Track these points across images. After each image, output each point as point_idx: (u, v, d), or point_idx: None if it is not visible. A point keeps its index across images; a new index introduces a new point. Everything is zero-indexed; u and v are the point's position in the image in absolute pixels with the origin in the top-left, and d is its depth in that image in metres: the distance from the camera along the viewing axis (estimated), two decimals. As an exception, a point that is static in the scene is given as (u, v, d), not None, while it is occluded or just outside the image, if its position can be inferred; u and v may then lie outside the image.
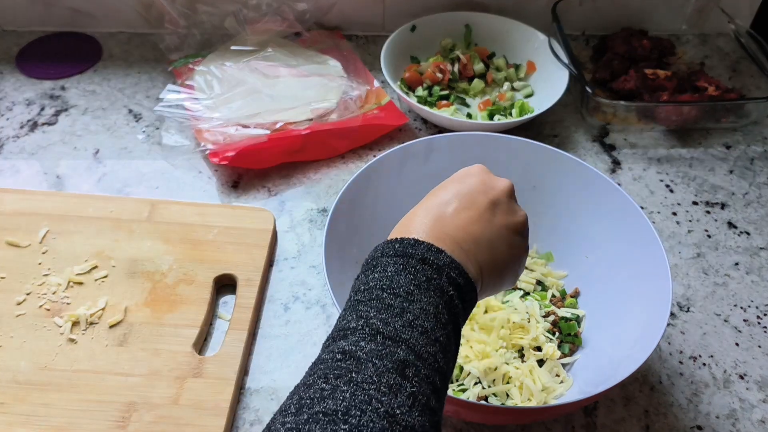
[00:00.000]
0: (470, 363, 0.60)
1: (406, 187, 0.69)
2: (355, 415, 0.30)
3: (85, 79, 0.95)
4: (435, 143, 0.68)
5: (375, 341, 0.34)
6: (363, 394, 0.31)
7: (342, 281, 0.59)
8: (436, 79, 0.92)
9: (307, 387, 0.33)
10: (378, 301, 0.36)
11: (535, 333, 0.62)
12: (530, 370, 0.60)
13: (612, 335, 0.61)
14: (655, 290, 0.57)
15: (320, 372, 0.34)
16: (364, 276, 0.39)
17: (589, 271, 0.67)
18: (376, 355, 0.33)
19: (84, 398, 0.58)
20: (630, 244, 0.62)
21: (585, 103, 0.88)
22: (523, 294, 0.68)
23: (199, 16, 0.96)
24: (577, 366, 0.62)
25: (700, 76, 0.93)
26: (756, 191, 0.83)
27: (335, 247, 0.60)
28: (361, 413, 0.30)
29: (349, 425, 0.30)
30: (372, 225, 0.66)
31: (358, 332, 0.35)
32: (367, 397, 0.31)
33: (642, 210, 0.62)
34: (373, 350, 0.33)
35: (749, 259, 0.74)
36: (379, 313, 0.35)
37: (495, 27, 0.98)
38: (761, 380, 0.63)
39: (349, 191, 0.63)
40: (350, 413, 0.30)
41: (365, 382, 0.32)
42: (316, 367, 0.35)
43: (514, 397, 0.59)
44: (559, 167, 0.67)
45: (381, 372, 0.32)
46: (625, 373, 0.50)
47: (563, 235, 0.69)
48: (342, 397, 0.31)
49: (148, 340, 0.62)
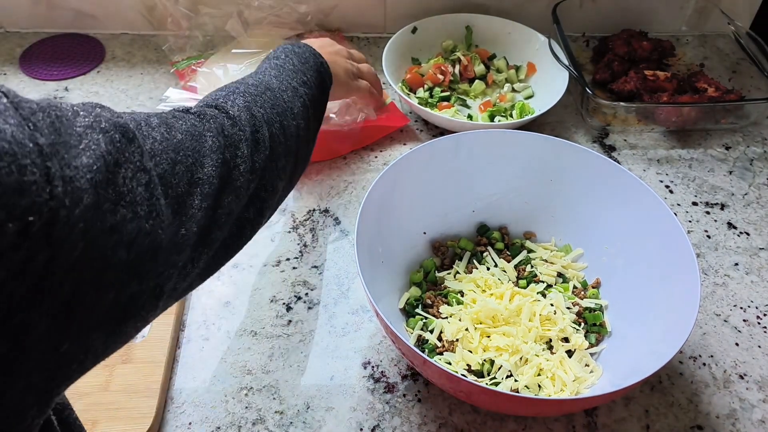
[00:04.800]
0: (501, 357, 0.61)
1: (433, 183, 0.69)
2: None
3: (88, 80, 0.95)
4: (462, 139, 0.69)
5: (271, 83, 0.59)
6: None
7: (373, 277, 0.59)
8: (437, 80, 0.93)
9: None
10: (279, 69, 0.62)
11: (563, 324, 0.63)
12: (560, 361, 0.61)
13: (637, 325, 0.62)
14: (681, 280, 0.57)
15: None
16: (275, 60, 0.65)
17: (609, 262, 0.68)
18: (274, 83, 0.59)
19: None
20: (651, 234, 0.62)
21: (585, 104, 0.88)
22: (546, 286, 0.68)
23: (202, 18, 0.97)
24: (605, 355, 0.63)
25: (699, 77, 0.93)
26: (755, 192, 0.83)
27: (365, 245, 0.60)
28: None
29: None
30: (399, 222, 0.67)
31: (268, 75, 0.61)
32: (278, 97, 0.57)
33: (664, 200, 0.62)
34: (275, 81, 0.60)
35: (749, 260, 0.75)
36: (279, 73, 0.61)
37: (495, 28, 0.99)
38: (761, 380, 0.63)
39: (376, 189, 0.63)
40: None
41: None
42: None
43: (547, 388, 0.59)
44: (576, 160, 0.68)
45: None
46: (657, 365, 0.50)
47: (582, 227, 0.70)
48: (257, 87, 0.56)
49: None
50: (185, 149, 0.41)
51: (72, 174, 0.28)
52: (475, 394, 0.53)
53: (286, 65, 0.63)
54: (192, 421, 0.59)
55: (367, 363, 0.64)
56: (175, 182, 0.38)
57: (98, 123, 0.32)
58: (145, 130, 0.38)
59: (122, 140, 0.33)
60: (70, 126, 0.30)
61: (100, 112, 0.33)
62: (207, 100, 0.52)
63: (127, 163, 0.33)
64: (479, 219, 0.74)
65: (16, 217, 0.24)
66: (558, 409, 0.57)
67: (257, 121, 0.51)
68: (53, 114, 0.29)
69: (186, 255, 0.39)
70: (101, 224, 0.29)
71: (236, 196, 0.46)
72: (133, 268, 0.32)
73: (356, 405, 0.61)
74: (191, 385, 0.62)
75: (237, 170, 0.46)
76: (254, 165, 0.48)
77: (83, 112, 0.32)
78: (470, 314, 0.63)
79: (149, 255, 0.33)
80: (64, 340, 0.28)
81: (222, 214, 0.44)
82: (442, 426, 0.59)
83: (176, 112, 0.45)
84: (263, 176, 0.50)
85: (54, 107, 0.30)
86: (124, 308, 0.32)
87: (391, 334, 0.54)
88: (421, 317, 0.65)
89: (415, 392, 0.62)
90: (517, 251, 0.72)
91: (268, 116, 0.53)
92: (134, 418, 0.57)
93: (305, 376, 0.63)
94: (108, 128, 0.32)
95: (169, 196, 0.37)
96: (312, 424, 0.59)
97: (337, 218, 0.77)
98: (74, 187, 0.27)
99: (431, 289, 0.69)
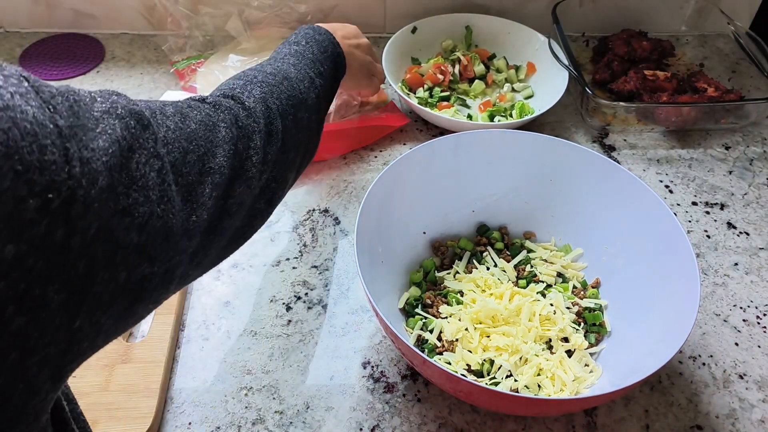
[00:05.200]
0: (501, 357, 0.61)
1: (433, 183, 0.69)
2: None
3: (88, 80, 0.95)
4: (462, 139, 0.69)
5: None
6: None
7: (373, 276, 0.60)
8: (436, 80, 0.93)
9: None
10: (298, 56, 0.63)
11: (562, 324, 0.63)
12: (560, 361, 0.61)
13: (636, 325, 0.62)
14: (681, 280, 0.57)
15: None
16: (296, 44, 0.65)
17: (609, 262, 0.68)
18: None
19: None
20: (651, 235, 0.62)
21: (585, 104, 0.88)
22: (546, 286, 0.68)
23: (202, 18, 0.97)
24: (604, 355, 0.63)
25: (699, 77, 0.93)
26: (755, 192, 0.83)
27: (365, 245, 0.60)
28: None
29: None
30: (399, 222, 0.67)
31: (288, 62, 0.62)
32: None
33: (664, 200, 0.62)
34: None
35: (748, 260, 0.75)
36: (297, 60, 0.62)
37: (495, 28, 0.99)
38: (761, 380, 0.63)
39: (376, 189, 0.63)
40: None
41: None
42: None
43: (546, 388, 0.59)
44: (576, 160, 0.68)
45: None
46: (656, 365, 0.50)
47: (581, 227, 0.70)
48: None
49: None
50: (198, 139, 0.42)
51: (89, 156, 0.29)
52: (475, 394, 0.53)
53: (306, 53, 0.63)
54: (192, 421, 0.59)
55: (367, 363, 0.64)
56: (186, 170, 0.39)
57: (114, 109, 0.33)
58: (160, 119, 0.39)
59: (137, 126, 0.34)
60: (88, 110, 0.31)
61: (116, 99, 0.34)
62: (224, 89, 0.52)
63: (141, 149, 0.34)
64: (479, 219, 0.74)
65: (36, 194, 0.25)
66: (557, 409, 0.57)
67: (272, 113, 0.52)
68: (71, 98, 0.30)
69: (196, 242, 0.40)
70: (114, 205, 0.30)
71: (248, 186, 0.47)
72: (145, 250, 0.33)
73: (356, 405, 0.61)
74: (191, 384, 0.62)
75: (249, 161, 0.47)
76: (266, 157, 0.49)
77: (100, 98, 0.33)
78: (470, 314, 0.63)
79: (160, 238, 0.34)
80: (77, 317, 0.29)
81: (233, 204, 0.45)
82: (442, 426, 0.59)
83: (192, 102, 0.46)
84: (275, 168, 0.51)
85: (72, 92, 0.31)
86: (135, 290, 0.33)
87: (390, 333, 0.54)
88: (421, 317, 0.65)
89: (415, 392, 0.62)
90: (516, 251, 0.72)
91: (283, 108, 0.53)
92: (134, 417, 0.57)
93: (305, 375, 0.63)
94: (124, 114, 0.33)
95: (180, 183, 0.38)
96: (312, 424, 0.59)
97: (336, 218, 0.77)
98: (91, 168, 0.29)
99: (431, 289, 0.69)
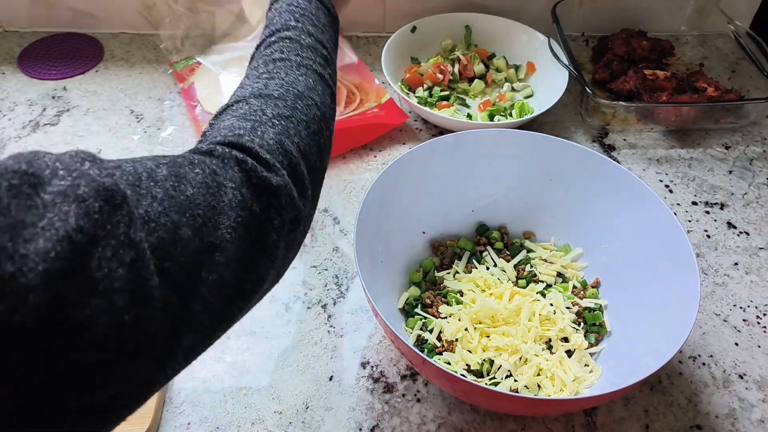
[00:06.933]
0: (501, 356, 0.61)
1: (432, 183, 0.69)
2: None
3: (87, 79, 0.95)
4: (462, 139, 0.69)
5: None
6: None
7: (373, 276, 0.59)
8: (436, 79, 0.93)
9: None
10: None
11: (562, 324, 0.63)
12: (560, 361, 0.61)
13: (636, 325, 0.62)
14: (681, 280, 0.57)
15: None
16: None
17: (609, 261, 0.68)
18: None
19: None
20: (651, 234, 0.62)
21: (584, 103, 0.88)
22: (545, 286, 0.68)
23: (200, 17, 0.97)
24: (604, 355, 0.63)
25: (699, 77, 0.93)
26: (755, 191, 0.83)
27: (364, 245, 0.60)
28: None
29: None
30: (398, 222, 0.67)
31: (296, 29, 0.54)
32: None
33: (664, 200, 0.62)
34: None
35: (748, 259, 0.75)
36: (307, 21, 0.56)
37: (495, 28, 0.99)
38: (761, 380, 0.63)
39: (376, 188, 0.63)
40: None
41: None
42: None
43: (546, 388, 0.59)
44: (575, 160, 0.68)
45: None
46: (656, 365, 0.50)
47: (581, 226, 0.70)
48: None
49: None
50: (195, 207, 0.33)
51: (19, 265, 0.23)
52: (475, 394, 0.53)
53: (305, 39, 0.52)
54: (191, 421, 0.59)
55: (366, 363, 0.64)
56: (176, 251, 0.31)
57: (75, 188, 0.27)
58: (144, 187, 0.31)
59: (104, 209, 0.27)
60: (33, 196, 0.25)
61: (85, 170, 0.28)
62: (228, 135, 0.41)
63: (107, 239, 0.27)
64: (478, 218, 0.74)
65: None
66: (557, 408, 0.57)
67: (293, 158, 0.42)
68: (11, 181, 0.25)
69: (200, 334, 0.34)
70: (61, 325, 0.24)
71: (269, 258, 0.38)
72: (110, 368, 0.27)
73: (355, 405, 0.60)
74: (190, 385, 0.62)
75: (270, 226, 0.38)
76: (293, 216, 0.40)
77: (63, 170, 0.27)
78: (470, 314, 0.63)
79: (132, 351, 0.28)
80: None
81: (248, 281, 0.36)
82: (442, 426, 0.59)
83: (196, 156, 0.37)
84: (306, 222, 0.43)
85: (25, 171, 0.26)
86: (102, 409, 0.28)
87: (390, 333, 0.53)
88: (421, 317, 0.65)
89: (415, 392, 0.62)
90: (516, 251, 0.72)
91: (304, 145, 0.43)
92: (133, 418, 0.56)
93: (304, 376, 0.62)
94: (86, 195, 0.27)
95: (166, 270, 0.30)
96: (311, 424, 0.59)
97: (336, 218, 0.77)
98: (18, 284, 0.23)
99: (430, 289, 0.69)
